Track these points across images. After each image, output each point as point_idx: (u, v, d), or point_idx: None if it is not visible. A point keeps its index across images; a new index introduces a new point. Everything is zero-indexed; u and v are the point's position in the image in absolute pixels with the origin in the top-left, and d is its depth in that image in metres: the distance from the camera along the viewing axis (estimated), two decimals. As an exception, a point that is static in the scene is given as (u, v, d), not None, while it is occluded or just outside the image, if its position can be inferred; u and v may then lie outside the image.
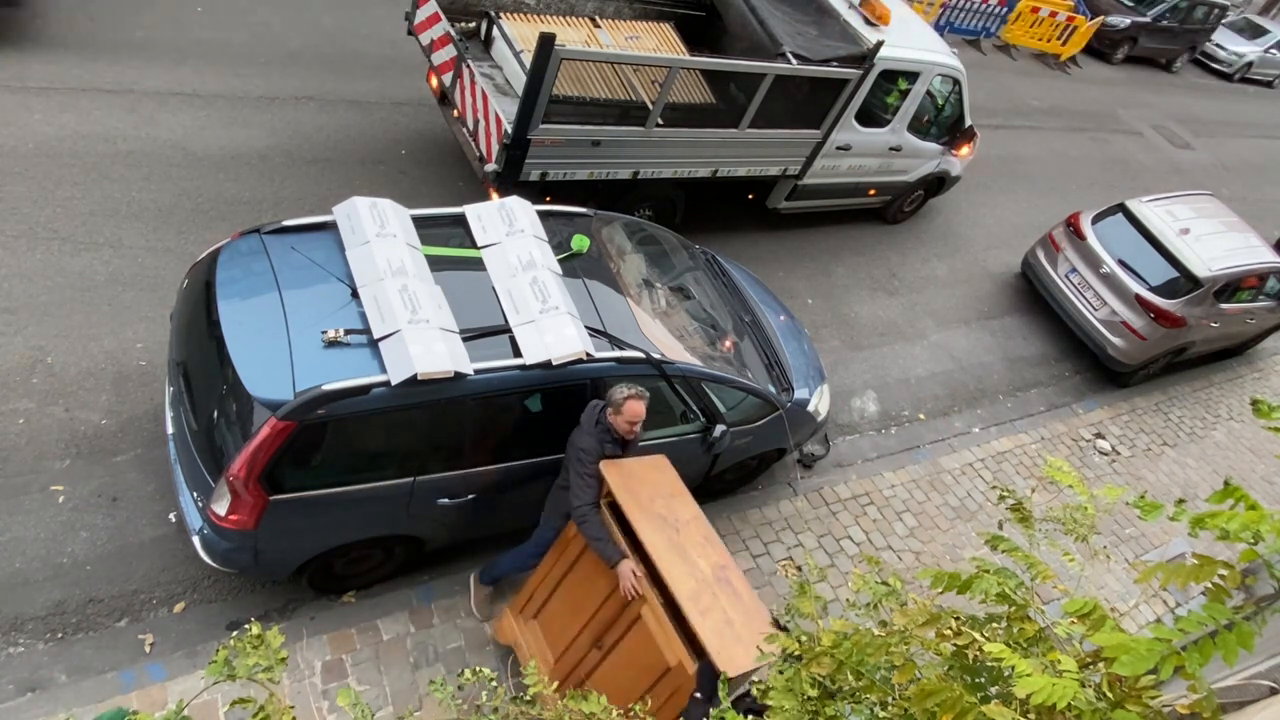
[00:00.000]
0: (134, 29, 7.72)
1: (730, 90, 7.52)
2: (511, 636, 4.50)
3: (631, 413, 4.12)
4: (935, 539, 6.71)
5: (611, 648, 4.02)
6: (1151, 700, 1.98)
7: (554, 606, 4.35)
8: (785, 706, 2.26)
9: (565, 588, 4.28)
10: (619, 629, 3.98)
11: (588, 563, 4.11)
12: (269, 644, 2.11)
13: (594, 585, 4.08)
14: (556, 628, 4.32)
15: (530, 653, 4.31)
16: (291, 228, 4.39)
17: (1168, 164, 15.05)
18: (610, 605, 4.00)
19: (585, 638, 4.13)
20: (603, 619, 4.04)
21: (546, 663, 4.28)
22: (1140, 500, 2.30)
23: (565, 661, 4.24)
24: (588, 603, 4.09)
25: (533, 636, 4.41)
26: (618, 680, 3.93)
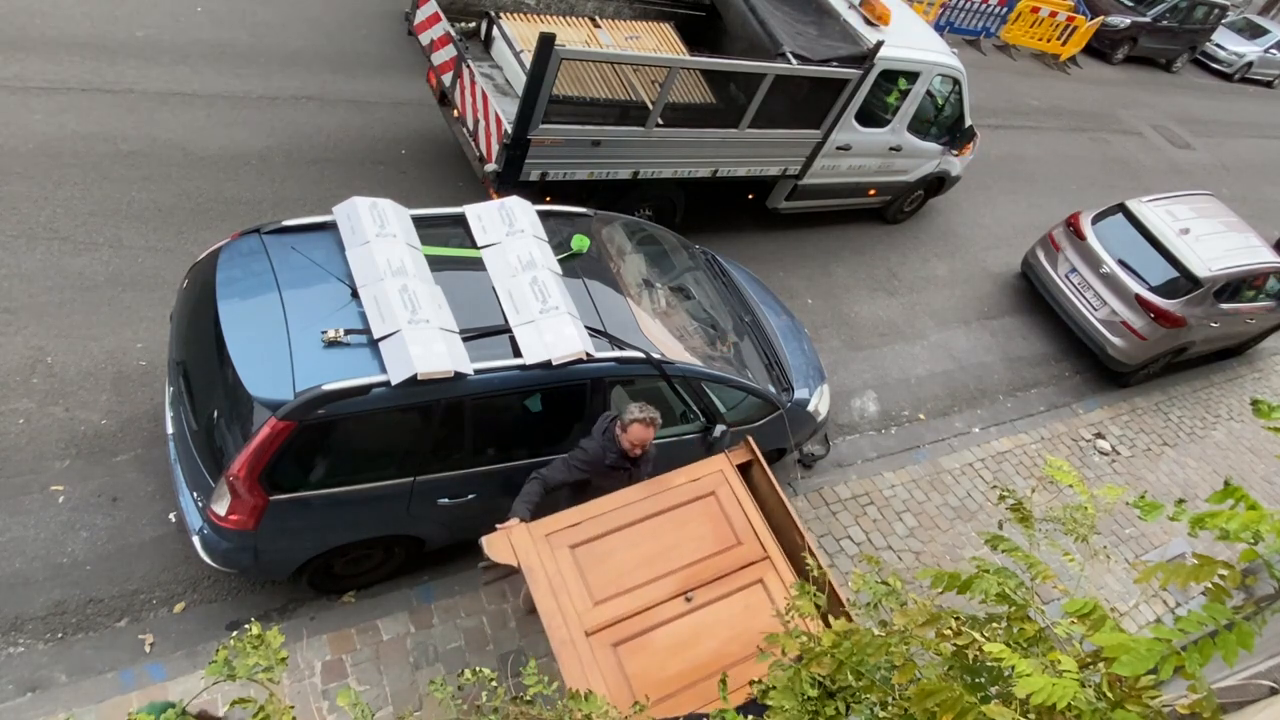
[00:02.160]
0: (134, 29, 7.72)
1: (730, 90, 7.52)
2: (523, 559, 3.78)
3: (635, 435, 4.10)
4: (935, 539, 6.71)
5: (704, 605, 3.81)
6: (1151, 700, 1.98)
7: (613, 545, 3.91)
8: (785, 706, 2.26)
9: (643, 532, 3.96)
10: (722, 588, 3.83)
11: (692, 513, 3.99)
12: (269, 644, 2.11)
13: (696, 536, 3.93)
14: (612, 567, 3.85)
15: (546, 578, 3.72)
16: (291, 228, 4.39)
17: (1168, 164, 15.05)
18: (716, 561, 3.86)
19: (666, 586, 3.82)
20: (699, 573, 3.84)
21: (578, 596, 3.75)
22: (1140, 500, 2.30)
23: (619, 604, 3.77)
24: (677, 553, 3.88)
25: (564, 566, 3.82)
26: (705, 639, 3.71)
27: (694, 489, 4.12)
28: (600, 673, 3.39)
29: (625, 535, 3.93)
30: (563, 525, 3.91)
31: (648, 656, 3.52)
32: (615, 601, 3.72)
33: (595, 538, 3.89)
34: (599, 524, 3.93)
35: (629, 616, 3.68)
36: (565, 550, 3.83)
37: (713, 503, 4.10)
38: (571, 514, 3.97)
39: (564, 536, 3.87)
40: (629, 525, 3.95)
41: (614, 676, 3.41)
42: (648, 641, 3.61)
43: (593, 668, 3.39)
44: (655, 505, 4.02)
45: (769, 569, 3.90)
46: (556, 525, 3.90)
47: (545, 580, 3.68)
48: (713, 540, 3.94)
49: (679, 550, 3.89)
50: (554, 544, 3.84)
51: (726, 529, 4.03)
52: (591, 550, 3.86)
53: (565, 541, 3.86)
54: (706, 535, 3.96)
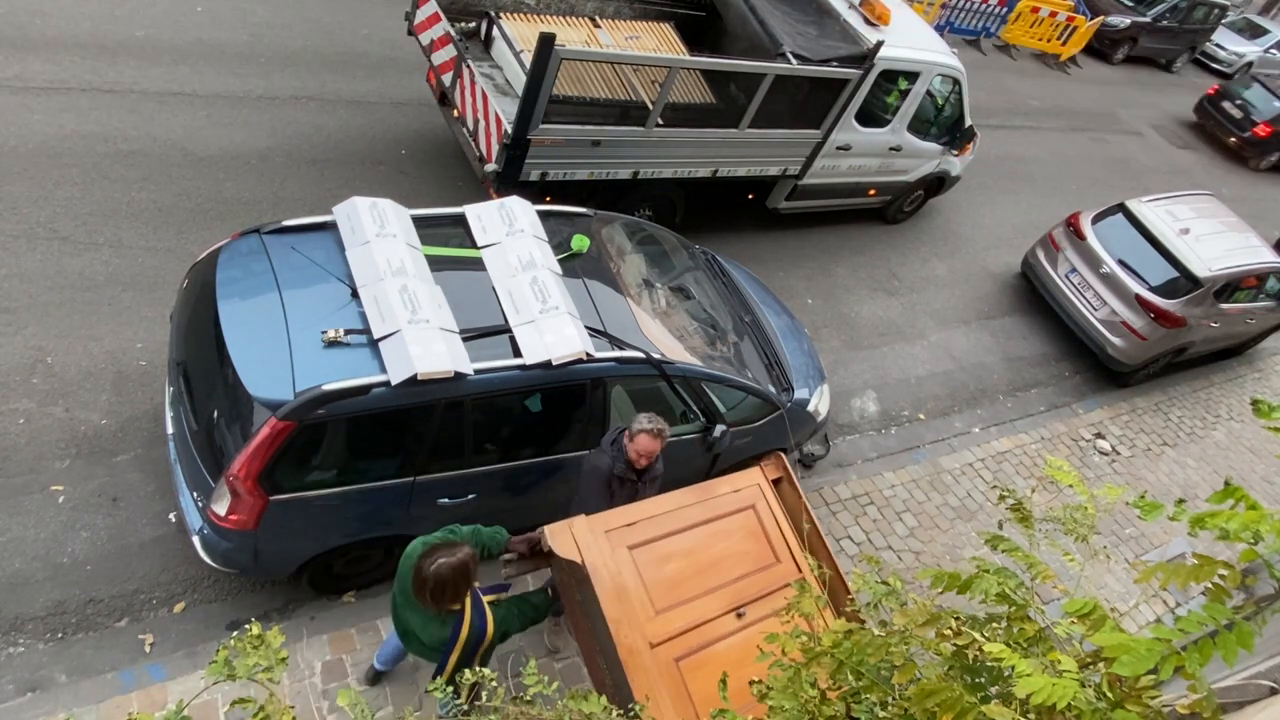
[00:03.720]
0: (134, 29, 7.72)
1: (730, 90, 7.52)
2: (586, 555, 3.64)
3: (641, 445, 4.08)
4: (935, 539, 6.71)
5: (755, 622, 3.77)
6: (1151, 700, 1.98)
7: (669, 550, 3.84)
8: (785, 706, 2.25)
9: (694, 539, 3.91)
10: (767, 606, 3.79)
11: (735, 525, 3.98)
12: (269, 644, 2.11)
13: (741, 550, 3.92)
14: (669, 575, 3.78)
15: (609, 578, 3.60)
16: (291, 228, 4.40)
17: (1168, 164, 15.05)
18: (758, 579, 3.85)
19: (719, 600, 3.78)
20: (746, 590, 3.81)
21: (639, 603, 3.64)
22: (1140, 500, 2.30)
23: (678, 616, 3.70)
24: (726, 565, 3.86)
25: (624, 567, 3.71)
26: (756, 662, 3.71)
27: (736, 500, 4.10)
28: (666, 689, 3.35)
29: (679, 541, 3.87)
30: (619, 524, 3.78)
31: (706, 675, 3.44)
32: (675, 612, 3.66)
33: (651, 540, 3.81)
34: (654, 526, 3.84)
35: (688, 630, 3.64)
36: (624, 551, 3.71)
37: (752, 516, 4.10)
38: (626, 512, 3.87)
39: (622, 535, 3.75)
40: (681, 531, 3.89)
41: (678, 693, 3.37)
42: (707, 658, 3.57)
43: (658, 683, 3.34)
44: (703, 513, 3.98)
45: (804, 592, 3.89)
46: (613, 523, 3.77)
47: (609, 581, 3.57)
48: (755, 556, 3.95)
49: (727, 563, 3.88)
50: (614, 542, 3.70)
51: (765, 546, 4.03)
52: (649, 553, 3.77)
53: (624, 541, 3.73)
54: (750, 550, 3.96)
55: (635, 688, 3.26)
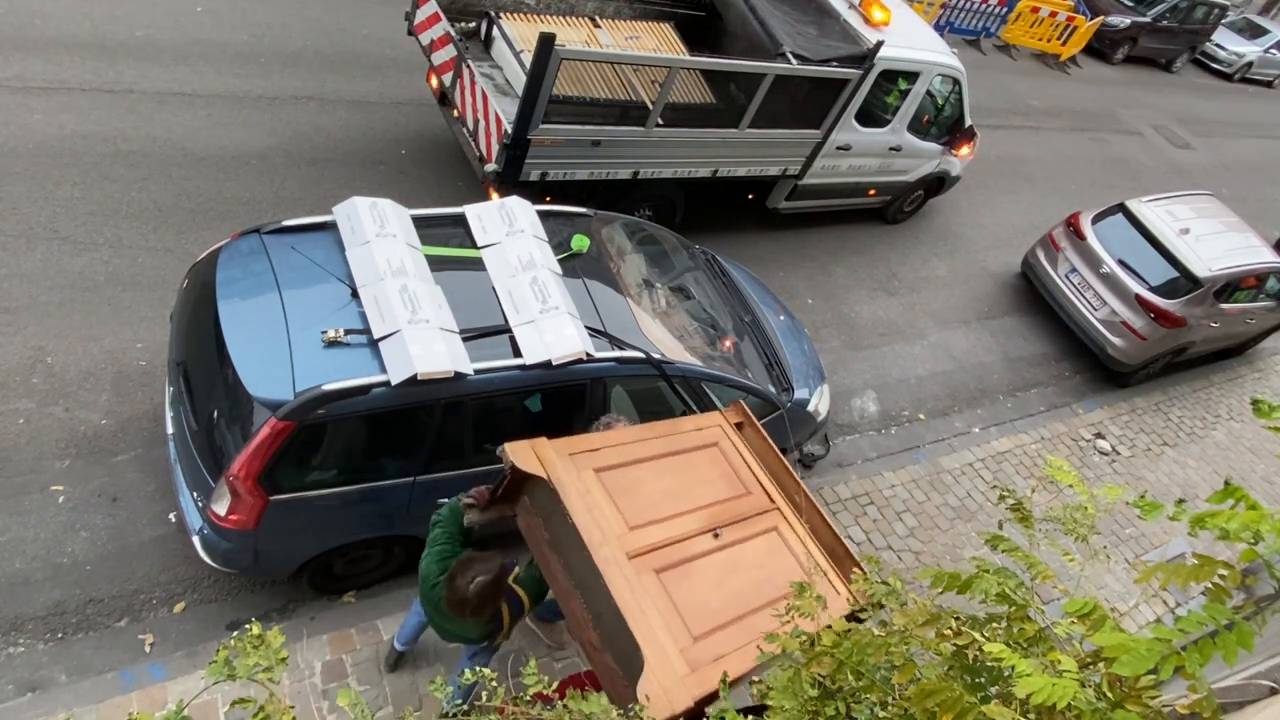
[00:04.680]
0: (134, 29, 7.72)
1: (730, 90, 7.52)
2: (551, 471, 3.47)
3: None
4: (935, 539, 6.71)
5: (732, 544, 3.70)
6: (1151, 700, 1.98)
7: (638, 475, 3.73)
8: (785, 706, 2.25)
9: (661, 467, 3.81)
10: (744, 530, 3.74)
11: (701, 459, 3.92)
12: (269, 644, 2.11)
13: (709, 479, 3.87)
14: (640, 497, 3.67)
15: (578, 495, 3.43)
16: (291, 228, 4.39)
17: (1168, 164, 15.05)
18: (731, 505, 3.79)
19: (694, 521, 3.68)
20: (720, 514, 3.75)
21: (612, 519, 3.50)
22: (1140, 500, 2.30)
23: (654, 532, 3.57)
24: (697, 492, 3.78)
25: (592, 487, 3.56)
26: (741, 576, 3.59)
27: (700, 437, 4.05)
28: (650, 597, 3.22)
29: (646, 468, 3.75)
30: (583, 448, 3.66)
31: (691, 587, 3.37)
32: (650, 529, 3.51)
33: (618, 465, 3.69)
34: (619, 453, 3.74)
35: (665, 545, 3.48)
36: (590, 473, 3.56)
37: (717, 453, 4.04)
38: (589, 439, 3.77)
39: (587, 459, 3.61)
40: (648, 460, 3.78)
41: (663, 603, 3.24)
42: (688, 572, 3.44)
43: (641, 592, 3.20)
44: (668, 445, 3.91)
45: (780, 519, 3.84)
46: (577, 446, 3.65)
47: (578, 498, 3.40)
48: (725, 486, 3.87)
49: (698, 490, 3.78)
50: (579, 464, 3.56)
51: (734, 477, 3.96)
52: (616, 478, 3.63)
53: (590, 464, 3.60)
54: (718, 480, 3.88)
55: (617, 596, 3.13)
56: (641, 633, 3.07)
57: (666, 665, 3.03)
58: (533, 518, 3.56)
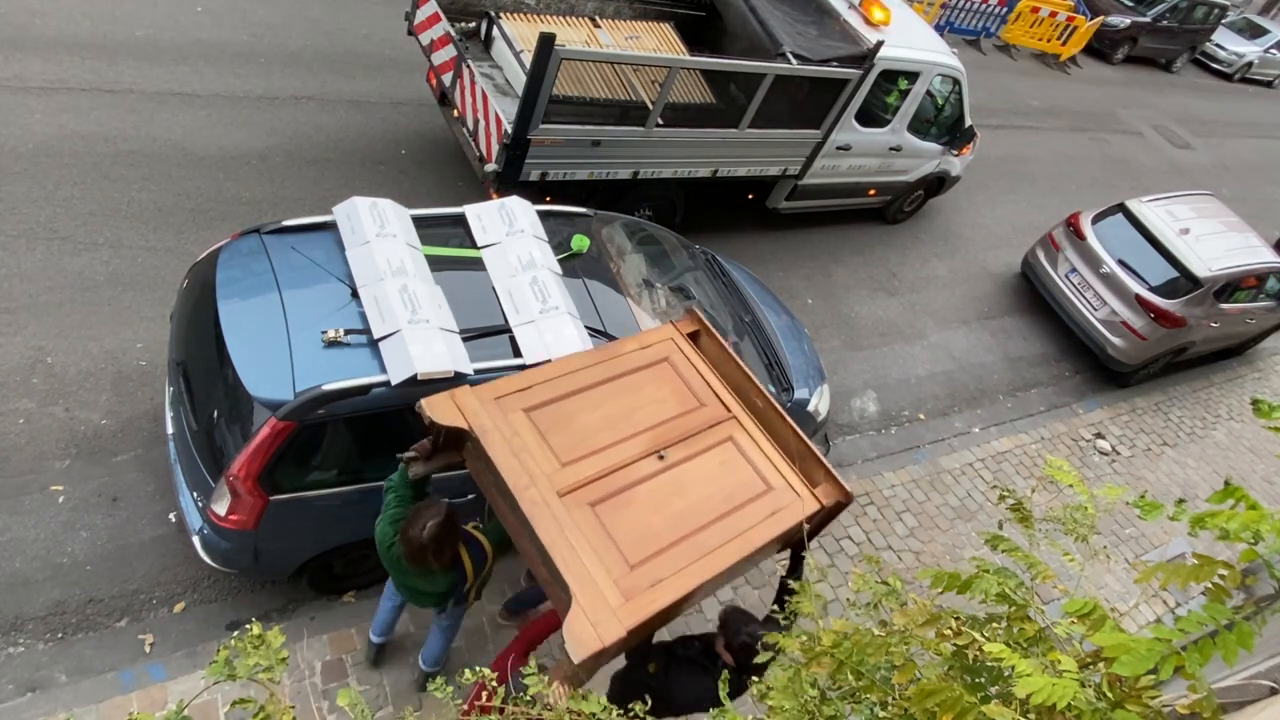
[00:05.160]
0: (134, 29, 7.72)
1: (730, 90, 7.52)
2: (473, 420, 3.36)
3: None
4: (935, 539, 6.71)
5: (680, 462, 3.60)
6: (1151, 700, 1.98)
7: (572, 408, 3.61)
8: (785, 706, 2.25)
9: (600, 395, 3.69)
10: (693, 446, 3.64)
11: (648, 378, 3.80)
12: (269, 644, 2.11)
13: (657, 399, 3.75)
14: (575, 430, 3.54)
15: (503, 439, 3.34)
16: (291, 228, 4.39)
17: (1168, 164, 15.05)
18: (680, 422, 3.68)
19: (635, 446, 3.56)
20: (667, 434, 3.64)
21: (542, 459, 3.39)
22: (1140, 500, 2.29)
23: (589, 464, 3.47)
24: (641, 415, 3.66)
25: (521, 429, 3.44)
26: (686, 495, 3.49)
27: (646, 355, 3.91)
28: (581, 533, 3.14)
29: (582, 399, 3.62)
30: (511, 389, 3.54)
31: (629, 514, 3.30)
32: (585, 462, 3.40)
33: (550, 401, 3.56)
34: (552, 388, 3.60)
35: (602, 476, 3.37)
36: (520, 414, 3.45)
37: (667, 368, 3.91)
38: (518, 378, 3.62)
39: (515, 400, 3.50)
40: (585, 389, 3.65)
41: (597, 536, 3.17)
42: (627, 500, 3.35)
43: (573, 529, 3.13)
44: (609, 370, 3.77)
45: (736, 427, 3.74)
46: (505, 389, 3.53)
47: (503, 443, 3.29)
48: (675, 403, 3.75)
49: (642, 413, 3.66)
50: (506, 407, 3.45)
51: (686, 392, 3.83)
52: (548, 413, 3.51)
53: (518, 405, 3.48)
54: (667, 398, 3.76)
55: (545, 539, 3.07)
56: (570, 570, 3.02)
57: (597, 599, 2.99)
58: (477, 462, 3.50)
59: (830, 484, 3.65)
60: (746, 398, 3.90)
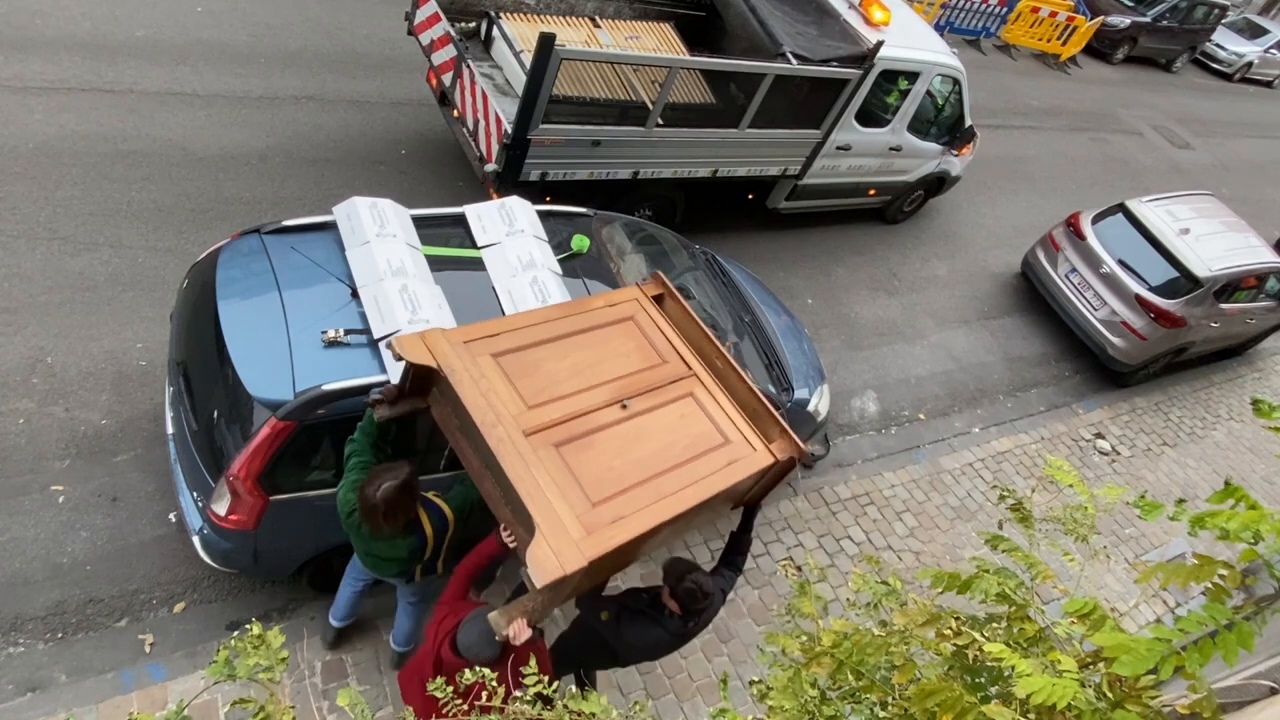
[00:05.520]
0: (134, 29, 7.72)
1: (730, 90, 7.52)
2: (441, 360, 3.39)
3: None
4: (935, 539, 6.71)
5: (643, 413, 3.69)
6: (1151, 700, 1.98)
7: (539, 356, 3.68)
8: (785, 706, 2.25)
9: (566, 346, 3.78)
10: (654, 399, 3.73)
11: (613, 334, 3.90)
12: (269, 644, 2.11)
13: (621, 353, 3.85)
14: (541, 377, 3.62)
15: (471, 380, 3.39)
16: (291, 228, 4.39)
17: (1168, 164, 15.05)
18: (643, 376, 3.78)
19: (599, 395, 3.65)
20: (630, 386, 3.73)
21: (509, 400, 3.44)
22: (1140, 500, 2.30)
23: (554, 409, 3.54)
24: (605, 367, 3.75)
25: (489, 371, 3.50)
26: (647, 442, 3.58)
27: (612, 313, 4.01)
28: (545, 470, 3.22)
29: (549, 348, 3.71)
30: (480, 335, 3.62)
31: (592, 457, 3.38)
32: (550, 406, 3.49)
33: (518, 349, 3.64)
34: (519, 336, 3.69)
35: (566, 420, 3.48)
36: (488, 358, 3.53)
37: (632, 326, 4.01)
38: (487, 325, 3.70)
39: (484, 345, 3.58)
40: (551, 340, 3.74)
41: (561, 474, 3.25)
42: (590, 443, 3.44)
43: (537, 466, 3.21)
44: (575, 324, 3.87)
45: (696, 384, 3.86)
46: (474, 334, 3.60)
47: (472, 384, 3.36)
48: (638, 358, 3.85)
49: (606, 365, 3.76)
50: (474, 351, 3.52)
51: (649, 349, 3.94)
52: (516, 360, 3.59)
53: (486, 350, 3.56)
54: (631, 353, 3.86)
55: (511, 474, 3.14)
56: (534, 503, 3.10)
57: (559, 530, 3.06)
58: (443, 407, 3.56)
59: (784, 440, 3.78)
60: (707, 358, 4.02)
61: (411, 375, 3.48)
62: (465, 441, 3.53)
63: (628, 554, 3.45)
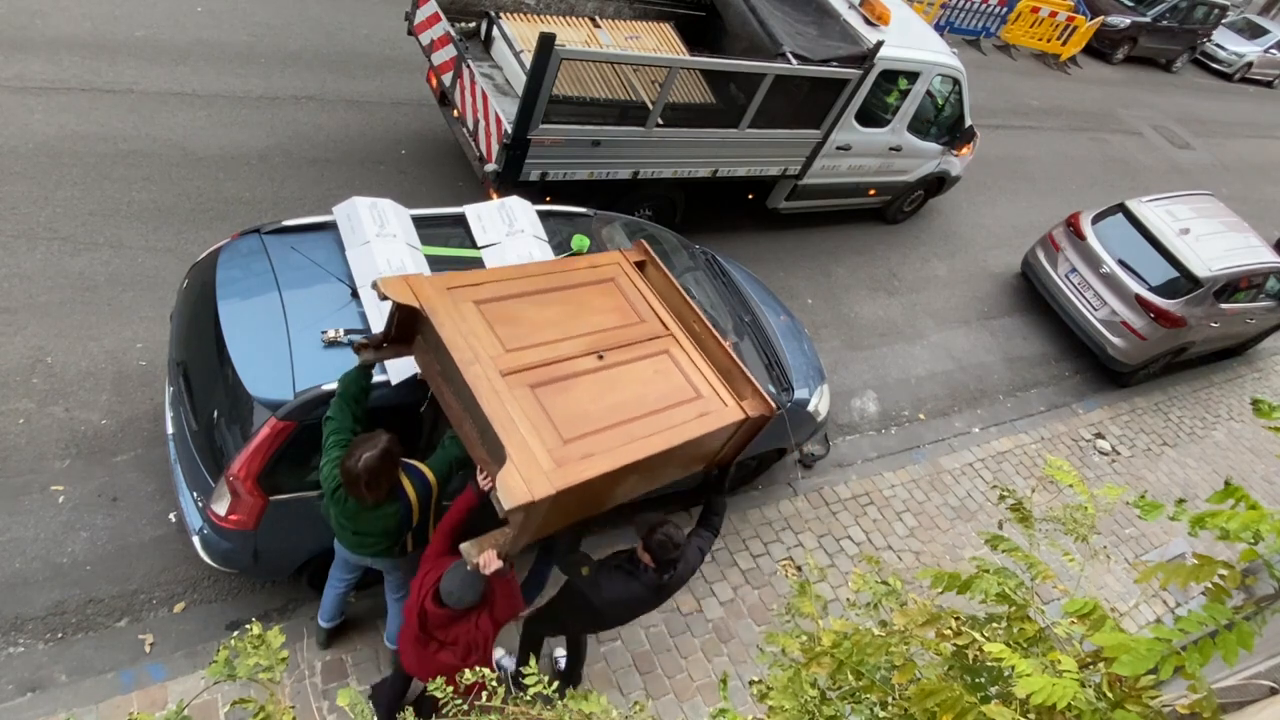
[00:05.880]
0: (134, 29, 7.72)
1: (730, 90, 7.52)
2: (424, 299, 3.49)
3: None
4: (935, 539, 6.71)
5: (618, 365, 3.80)
6: (1151, 700, 1.98)
7: (520, 306, 3.79)
8: (785, 706, 2.25)
9: (547, 299, 3.90)
10: (630, 353, 3.84)
11: (593, 293, 4.01)
12: (269, 644, 2.11)
13: (600, 310, 3.96)
14: (521, 324, 3.72)
15: (452, 321, 3.48)
16: (291, 228, 4.40)
17: (1168, 164, 15.05)
18: (620, 332, 3.90)
19: (577, 345, 3.76)
20: (606, 339, 3.83)
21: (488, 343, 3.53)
22: (1140, 500, 2.29)
23: (532, 354, 3.63)
24: (583, 320, 3.87)
25: (470, 316, 3.59)
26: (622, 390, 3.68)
27: (593, 274, 4.14)
28: (520, 407, 3.31)
29: (530, 300, 3.84)
30: (463, 283, 3.74)
31: (566, 399, 3.48)
32: (528, 351, 3.60)
33: (500, 298, 3.76)
34: (502, 287, 3.82)
35: (543, 365, 3.58)
36: (470, 305, 3.63)
37: (612, 286, 4.13)
38: (471, 274, 3.84)
39: (467, 292, 3.69)
40: (533, 293, 3.87)
41: (535, 413, 3.34)
42: (565, 387, 3.55)
43: (512, 403, 3.30)
44: (557, 280, 4.00)
45: (672, 343, 3.97)
46: (458, 281, 3.73)
47: (452, 325, 3.45)
48: (616, 316, 3.96)
49: (585, 319, 3.87)
50: (457, 297, 3.62)
51: (628, 308, 4.05)
52: (497, 308, 3.71)
53: (469, 297, 3.67)
54: (610, 310, 3.97)
55: (486, 408, 3.22)
56: (507, 434, 3.18)
57: (530, 460, 3.14)
58: (426, 354, 3.65)
59: (756, 399, 3.89)
60: (685, 321, 4.12)
61: (396, 320, 3.58)
62: (446, 387, 3.62)
63: (597, 496, 3.54)
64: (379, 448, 3.40)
